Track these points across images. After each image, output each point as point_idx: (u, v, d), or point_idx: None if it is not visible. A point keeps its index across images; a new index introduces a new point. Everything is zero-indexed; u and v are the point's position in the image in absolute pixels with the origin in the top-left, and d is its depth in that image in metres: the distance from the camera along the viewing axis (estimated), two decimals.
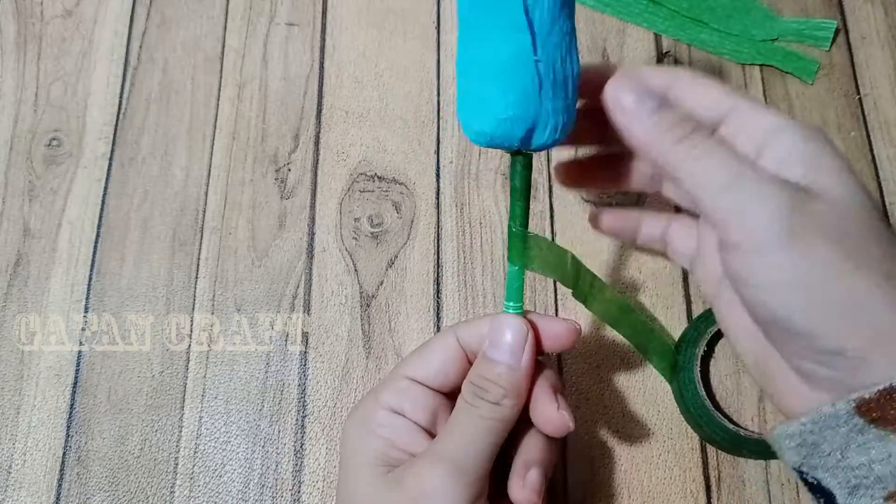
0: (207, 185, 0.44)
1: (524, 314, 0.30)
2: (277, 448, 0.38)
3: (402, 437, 0.28)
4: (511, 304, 0.30)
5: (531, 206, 0.42)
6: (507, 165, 0.44)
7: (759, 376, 0.28)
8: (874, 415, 0.23)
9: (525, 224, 0.29)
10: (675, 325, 0.41)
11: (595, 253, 0.42)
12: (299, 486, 0.38)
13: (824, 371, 0.24)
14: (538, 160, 0.44)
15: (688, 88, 0.27)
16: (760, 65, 0.47)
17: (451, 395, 0.30)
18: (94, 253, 0.42)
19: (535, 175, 0.44)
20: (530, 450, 0.30)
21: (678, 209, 0.33)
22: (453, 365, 0.30)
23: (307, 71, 0.46)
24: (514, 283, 0.30)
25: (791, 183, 0.24)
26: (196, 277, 0.42)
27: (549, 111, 0.26)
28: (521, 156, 0.28)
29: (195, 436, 0.39)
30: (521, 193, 0.29)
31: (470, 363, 0.30)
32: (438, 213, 0.43)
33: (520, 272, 0.30)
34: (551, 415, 0.29)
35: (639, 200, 0.43)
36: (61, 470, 0.38)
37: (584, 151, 0.35)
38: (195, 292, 0.41)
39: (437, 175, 0.44)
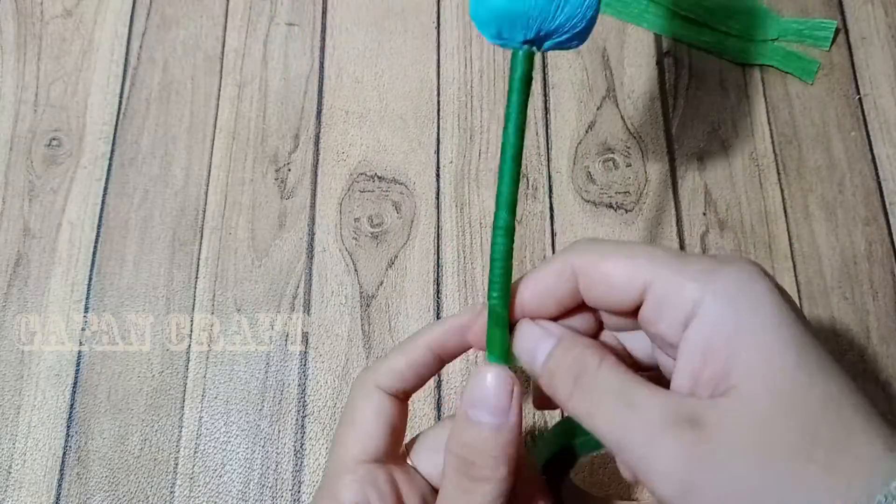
0: (207, 185, 0.44)
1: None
2: (277, 448, 0.38)
3: None
4: (494, 356, 0.24)
5: (532, 208, 0.42)
6: None
7: None
8: None
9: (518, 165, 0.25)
10: None
11: None
12: (299, 486, 0.38)
13: None
14: (539, 163, 0.44)
15: (595, 271, 0.24)
16: (760, 65, 0.47)
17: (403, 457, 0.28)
18: (94, 253, 0.42)
19: (535, 175, 0.44)
20: None
21: None
22: (396, 426, 0.27)
23: (307, 71, 0.46)
24: (497, 310, 0.24)
25: (683, 416, 0.21)
26: (196, 277, 0.42)
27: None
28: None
29: (195, 436, 0.39)
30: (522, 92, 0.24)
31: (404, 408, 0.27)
32: (438, 213, 0.43)
33: (505, 284, 0.24)
34: None
35: (639, 201, 0.43)
36: (61, 470, 0.38)
37: None
38: (195, 292, 0.41)
39: (437, 175, 0.44)
